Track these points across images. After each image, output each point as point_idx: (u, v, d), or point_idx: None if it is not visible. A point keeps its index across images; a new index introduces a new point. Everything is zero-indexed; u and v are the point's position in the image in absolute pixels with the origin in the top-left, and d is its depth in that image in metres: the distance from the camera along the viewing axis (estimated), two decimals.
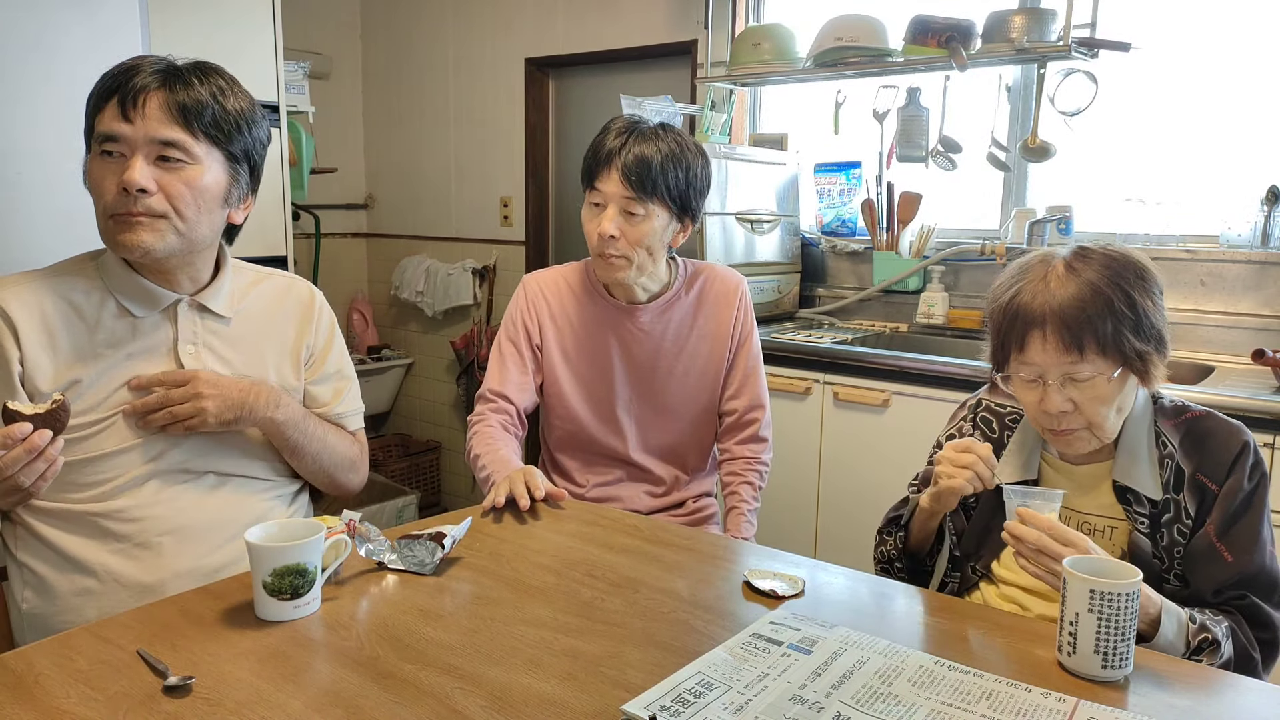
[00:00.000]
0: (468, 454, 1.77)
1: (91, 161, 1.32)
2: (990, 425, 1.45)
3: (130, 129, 1.28)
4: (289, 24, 2.73)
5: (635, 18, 3.46)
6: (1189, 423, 1.32)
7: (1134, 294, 1.23)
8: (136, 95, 1.28)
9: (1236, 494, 1.26)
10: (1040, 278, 1.25)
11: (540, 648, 1.09)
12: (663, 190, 1.69)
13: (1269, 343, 2.30)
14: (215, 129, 1.34)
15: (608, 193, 1.70)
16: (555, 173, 3.95)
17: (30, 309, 1.33)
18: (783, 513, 2.62)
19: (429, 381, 4.40)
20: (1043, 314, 1.23)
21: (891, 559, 1.46)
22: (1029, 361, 1.26)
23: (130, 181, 1.27)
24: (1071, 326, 1.21)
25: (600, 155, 1.72)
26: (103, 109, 1.30)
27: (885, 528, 1.48)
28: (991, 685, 1.01)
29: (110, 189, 1.29)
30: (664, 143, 1.70)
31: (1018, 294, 1.26)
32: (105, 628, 1.11)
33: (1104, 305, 1.21)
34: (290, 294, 1.55)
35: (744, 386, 1.89)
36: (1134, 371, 1.24)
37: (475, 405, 1.84)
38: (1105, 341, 1.21)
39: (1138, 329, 1.22)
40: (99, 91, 1.32)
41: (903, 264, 2.93)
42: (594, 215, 1.74)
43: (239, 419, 1.38)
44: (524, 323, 1.84)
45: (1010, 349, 1.28)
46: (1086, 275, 1.23)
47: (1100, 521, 1.31)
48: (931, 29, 2.64)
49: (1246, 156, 2.47)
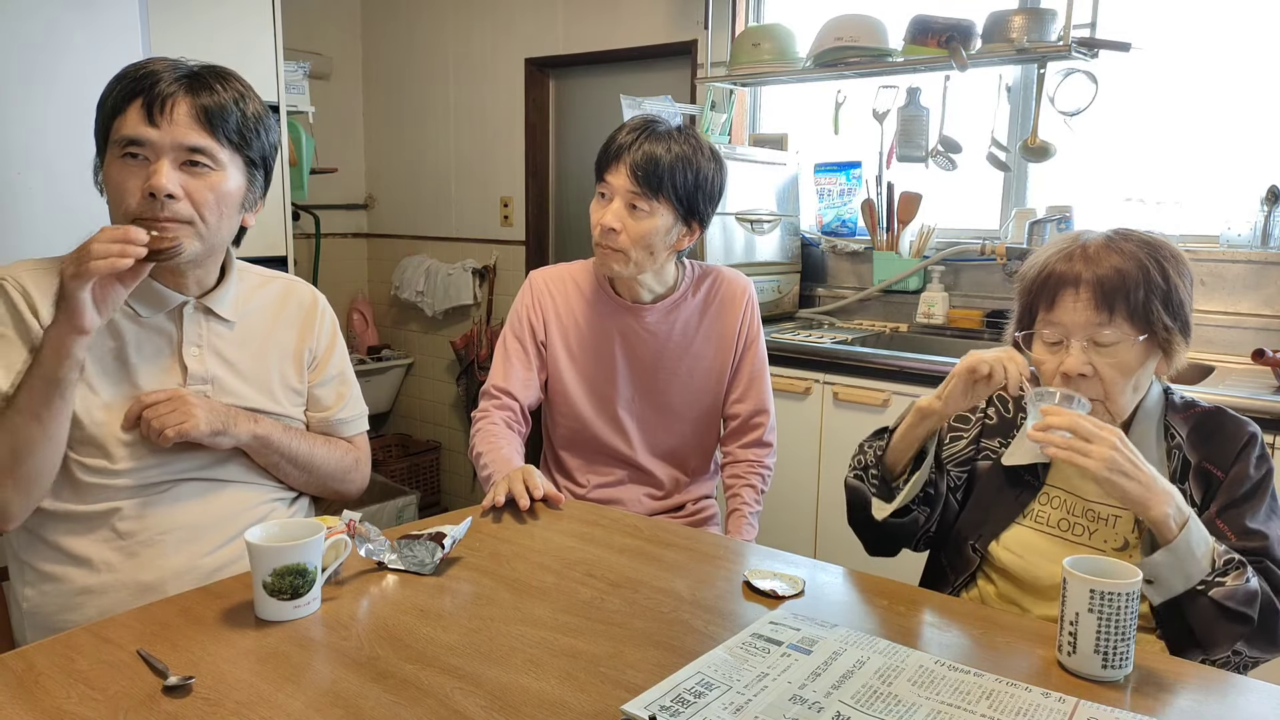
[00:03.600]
0: (470, 450, 1.77)
1: (110, 165, 1.31)
2: (1005, 405, 1.45)
3: (157, 134, 1.28)
4: (289, 24, 2.74)
5: (635, 18, 3.46)
6: (1198, 416, 1.32)
7: (1169, 269, 1.26)
8: (164, 100, 1.28)
9: (1242, 481, 1.26)
10: (1079, 247, 1.29)
11: (540, 648, 1.09)
12: (669, 190, 1.69)
13: (1269, 343, 2.30)
14: (238, 134, 1.35)
15: (615, 186, 1.71)
16: (555, 173, 3.95)
17: (45, 290, 1.33)
18: (783, 513, 2.62)
19: (429, 381, 4.40)
20: (1078, 275, 1.26)
21: (867, 466, 1.42)
22: (1056, 321, 1.27)
23: (160, 187, 1.27)
24: (1105, 289, 1.24)
25: (611, 149, 1.73)
26: (123, 112, 1.29)
27: (867, 440, 1.45)
28: (991, 685, 1.01)
29: (134, 193, 1.28)
30: (676, 144, 1.71)
31: (1054, 259, 1.30)
32: (105, 627, 1.11)
33: (1140, 273, 1.24)
34: (293, 297, 1.55)
35: (749, 390, 1.89)
36: (1158, 344, 1.26)
37: (479, 401, 1.84)
38: (1136, 309, 1.24)
39: (1167, 303, 1.25)
40: (118, 94, 1.30)
41: (903, 264, 2.93)
42: (599, 206, 1.75)
43: (225, 430, 1.38)
44: (529, 319, 1.84)
45: (1038, 308, 1.30)
46: (1125, 247, 1.27)
47: (1105, 510, 1.31)
48: (931, 29, 2.64)
49: (1246, 156, 2.47)
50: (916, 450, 1.36)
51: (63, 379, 1.24)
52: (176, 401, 1.33)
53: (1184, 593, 1.15)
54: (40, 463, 1.27)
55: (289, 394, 1.51)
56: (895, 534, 1.42)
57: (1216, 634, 1.15)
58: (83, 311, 1.20)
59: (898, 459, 1.38)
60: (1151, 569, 1.15)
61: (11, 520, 1.29)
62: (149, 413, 1.32)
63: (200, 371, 1.41)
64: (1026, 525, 1.35)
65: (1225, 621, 1.14)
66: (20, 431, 1.24)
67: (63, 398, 1.25)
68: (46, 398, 1.24)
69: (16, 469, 1.25)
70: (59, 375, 1.23)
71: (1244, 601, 1.14)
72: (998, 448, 1.41)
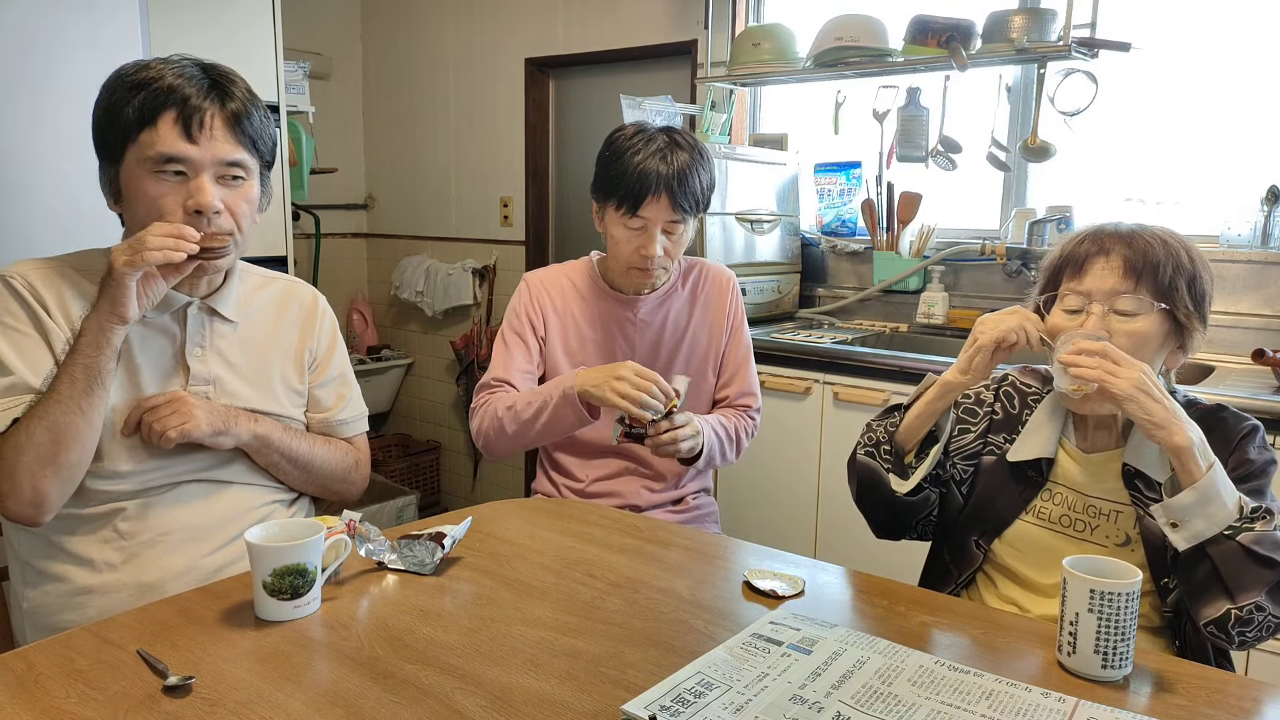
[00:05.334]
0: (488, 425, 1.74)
1: (142, 180, 1.29)
2: (1011, 400, 1.45)
3: (197, 151, 1.29)
4: (289, 24, 2.74)
5: (635, 18, 3.46)
6: (1199, 413, 1.32)
7: (1195, 258, 1.31)
8: (201, 116, 1.29)
9: (1245, 465, 1.26)
10: (1112, 226, 1.33)
11: (540, 648, 1.09)
12: (694, 202, 1.75)
13: (1269, 343, 2.30)
14: (261, 141, 1.36)
15: (653, 217, 1.73)
16: (555, 173, 3.95)
17: (51, 287, 1.33)
18: (783, 513, 2.62)
19: (429, 381, 4.40)
20: (1111, 246, 1.30)
21: (878, 442, 1.41)
22: (1081, 289, 1.30)
23: (209, 206, 1.29)
24: (1136, 260, 1.28)
25: (646, 181, 1.69)
26: (153, 126, 1.28)
27: (877, 418, 1.45)
28: (991, 685, 1.01)
29: (174, 210, 1.29)
30: (685, 153, 1.73)
31: (1087, 233, 1.34)
32: (105, 628, 1.11)
33: (1169, 254, 1.28)
34: (293, 298, 1.56)
35: (735, 375, 1.92)
36: (1175, 326, 1.29)
37: (474, 396, 1.83)
38: (1162, 285, 1.27)
39: (1191, 286, 1.29)
40: (142, 106, 1.28)
41: (903, 264, 2.93)
42: (634, 237, 1.75)
43: (226, 430, 1.38)
44: (528, 315, 1.85)
45: (1064, 274, 1.33)
46: (1157, 232, 1.31)
47: (1106, 505, 1.31)
48: (931, 29, 2.64)
49: (1246, 156, 2.47)
50: (930, 426, 1.36)
51: (103, 368, 1.25)
52: (177, 403, 1.33)
53: (1210, 538, 1.14)
54: (82, 452, 1.28)
55: (290, 395, 1.51)
56: (905, 513, 1.41)
57: (1246, 578, 1.13)
58: (128, 300, 1.22)
59: (911, 435, 1.38)
60: (1178, 511, 1.15)
61: (48, 511, 1.29)
62: (149, 416, 1.32)
63: (203, 372, 1.41)
64: (1029, 521, 1.35)
65: (1254, 565, 1.13)
66: (61, 421, 1.24)
67: (103, 385, 1.26)
68: (88, 386, 1.25)
69: (59, 457, 1.25)
70: (99, 364, 1.25)
71: (1272, 548, 1.14)
72: (1003, 443, 1.41)
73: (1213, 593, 1.16)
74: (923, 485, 1.37)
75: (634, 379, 1.58)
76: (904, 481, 1.36)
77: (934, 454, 1.36)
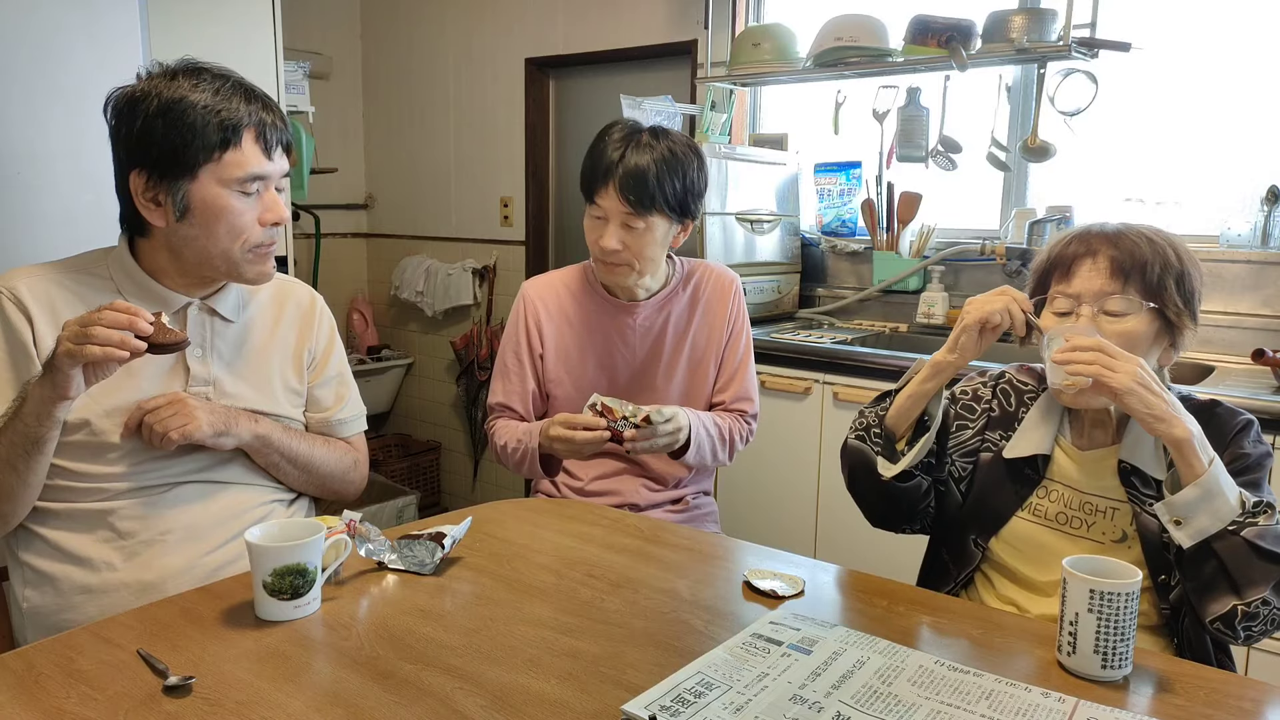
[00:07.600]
0: (500, 447, 1.83)
1: (226, 197, 1.31)
2: (1008, 397, 1.45)
3: (273, 167, 1.35)
4: (289, 24, 2.73)
5: (635, 18, 3.46)
6: (1195, 407, 1.32)
7: (1182, 255, 1.31)
8: (274, 133, 1.35)
9: (1241, 458, 1.26)
10: (1098, 227, 1.34)
11: (540, 648, 1.09)
12: (661, 202, 1.71)
13: (1269, 343, 2.30)
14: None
15: (607, 208, 1.72)
16: (555, 173, 3.95)
17: (40, 297, 1.33)
18: (783, 513, 2.62)
19: (429, 381, 4.40)
20: (1099, 247, 1.30)
21: (869, 426, 1.41)
22: (1069, 291, 1.30)
23: (284, 218, 1.37)
24: (1122, 261, 1.28)
25: (598, 170, 1.72)
26: (237, 145, 1.30)
27: (869, 405, 1.45)
28: (991, 685, 1.01)
29: (252, 226, 1.34)
30: (657, 151, 1.70)
31: (1074, 235, 1.34)
32: (105, 628, 1.11)
33: (1157, 253, 1.29)
34: (291, 298, 1.56)
35: (733, 378, 1.91)
36: (1166, 324, 1.29)
37: (488, 414, 1.90)
38: (1150, 284, 1.27)
39: (1180, 284, 1.29)
40: (223, 124, 1.29)
41: (903, 264, 2.93)
42: (596, 227, 1.76)
43: (227, 430, 1.38)
44: (525, 336, 1.86)
45: (1052, 277, 1.34)
46: (1144, 231, 1.31)
47: (1102, 503, 1.31)
48: (931, 29, 2.64)
49: (1246, 156, 2.47)
50: (921, 411, 1.36)
51: (42, 437, 1.25)
52: (177, 405, 1.33)
53: (1215, 533, 1.14)
54: (14, 505, 1.31)
55: (289, 395, 1.51)
56: (898, 500, 1.40)
57: (1252, 572, 1.13)
58: (70, 384, 1.20)
59: (903, 418, 1.37)
60: (1182, 508, 1.15)
61: None
62: (150, 418, 1.32)
63: (203, 373, 1.41)
64: (1026, 518, 1.36)
65: (1260, 560, 1.13)
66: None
67: (41, 452, 1.27)
68: (26, 451, 1.25)
69: None
70: (39, 434, 1.25)
71: (1275, 542, 1.14)
72: (1000, 440, 1.41)
73: (1219, 589, 1.16)
74: (913, 472, 1.37)
75: (562, 433, 1.64)
76: (891, 465, 1.36)
77: (924, 442, 1.35)
